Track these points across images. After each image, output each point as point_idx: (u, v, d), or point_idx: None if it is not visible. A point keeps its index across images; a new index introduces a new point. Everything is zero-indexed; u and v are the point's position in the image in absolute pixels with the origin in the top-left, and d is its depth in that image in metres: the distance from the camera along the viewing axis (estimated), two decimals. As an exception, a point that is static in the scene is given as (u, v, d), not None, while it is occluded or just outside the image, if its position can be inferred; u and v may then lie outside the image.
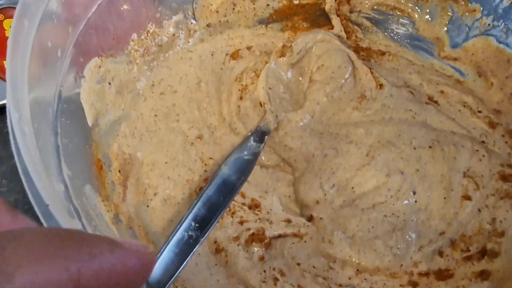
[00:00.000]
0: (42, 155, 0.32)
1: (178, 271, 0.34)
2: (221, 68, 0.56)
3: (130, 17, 0.51)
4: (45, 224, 0.27)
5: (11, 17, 0.62)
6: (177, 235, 0.36)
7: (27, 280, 0.16)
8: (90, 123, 0.44)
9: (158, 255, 0.35)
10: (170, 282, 0.34)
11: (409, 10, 0.58)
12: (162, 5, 0.54)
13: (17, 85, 0.32)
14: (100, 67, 0.47)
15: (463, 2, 0.54)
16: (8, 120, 0.31)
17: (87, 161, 0.42)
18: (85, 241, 0.18)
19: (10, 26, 0.61)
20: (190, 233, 0.36)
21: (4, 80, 0.57)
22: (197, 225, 0.37)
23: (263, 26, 0.61)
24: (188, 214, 0.38)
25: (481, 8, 0.53)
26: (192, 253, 0.36)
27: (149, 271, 0.20)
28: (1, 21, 0.61)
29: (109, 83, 0.48)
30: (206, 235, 0.37)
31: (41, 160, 0.30)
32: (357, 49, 0.60)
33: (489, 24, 0.53)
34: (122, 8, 0.50)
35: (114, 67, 0.49)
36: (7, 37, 0.61)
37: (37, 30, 0.37)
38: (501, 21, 0.52)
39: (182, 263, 0.35)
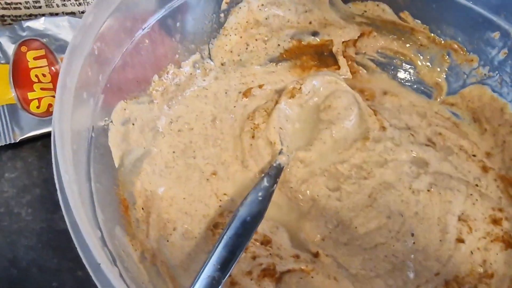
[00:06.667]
0: (84, 205, 0.35)
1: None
2: (234, 106, 0.60)
3: (152, 60, 0.55)
4: (95, 279, 0.30)
5: (35, 49, 0.65)
6: (202, 278, 0.40)
7: None
8: (116, 164, 0.48)
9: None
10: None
11: (411, 55, 0.62)
12: (182, 46, 0.58)
13: (63, 143, 0.35)
14: (125, 109, 0.51)
15: (461, 52, 0.58)
16: (55, 178, 0.34)
17: (115, 202, 0.45)
18: None
19: (33, 58, 0.65)
20: (213, 274, 0.40)
21: (28, 112, 0.61)
22: (218, 266, 0.41)
23: (274, 64, 0.65)
24: (210, 257, 0.41)
25: (478, 59, 0.57)
26: (215, 294, 0.39)
27: None
28: (24, 53, 0.64)
29: (133, 124, 0.52)
30: (227, 275, 0.41)
31: (85, 214, 0.34)
32: (362, 89, 0.64)
33: (485, 74, 0.57)
34: (145, 52, 0.53)
35: (137, 107, 0.53)
36: (31, 68, 0.64)
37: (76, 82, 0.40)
38: (496, 72, 0.56)
39: (207, 304, 0.39)
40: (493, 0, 0.54)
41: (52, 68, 0.65)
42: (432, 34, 0.59)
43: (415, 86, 0.63)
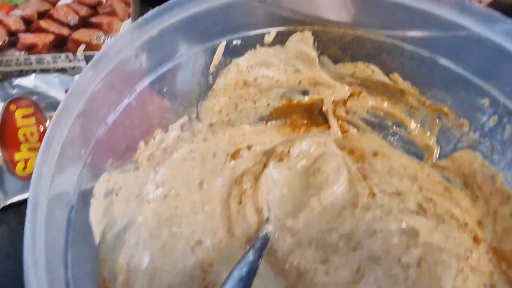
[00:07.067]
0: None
1: None
2: (222, 169, 0.59)
3: (139, 125, 0.55)
4: None
5: (24, 106, 0.65)
6: None
7: None
8: (97, 241, 0.47)
9: None
10: None
11: (402, 116, 0.62)
12: (170, 109, 0.57)
13: (36, 235, 0.34)
14: (108, 180, 0.50)
15: (451, 116, 0.57)
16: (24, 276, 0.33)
17: (94, 285, 0.44)
18: None
19: (22, 116, 0.65)
20: None
21: (14, 174, 0.60)
22: None
23: (263, 123, 0.65)
24: None
25: (469, 124, 0.56)
26: None
27: None
28: (13, 111, 0.64)
29: (116, 194, 0.51)
30: None
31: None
32: (352, 149, 0.63)
33: (476, 139, 0.56)
34: (132, 118, 0.53)
35: (121, 177, 0.52)
36: (19, 128, 0.64)
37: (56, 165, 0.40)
38: (487, 138, 0.55)
39: None
40: (482, 67, 0.53)
41: (41, 126, 0.64)
42: (423, 97, 0.59)
43: (406, 147, 0.62)
